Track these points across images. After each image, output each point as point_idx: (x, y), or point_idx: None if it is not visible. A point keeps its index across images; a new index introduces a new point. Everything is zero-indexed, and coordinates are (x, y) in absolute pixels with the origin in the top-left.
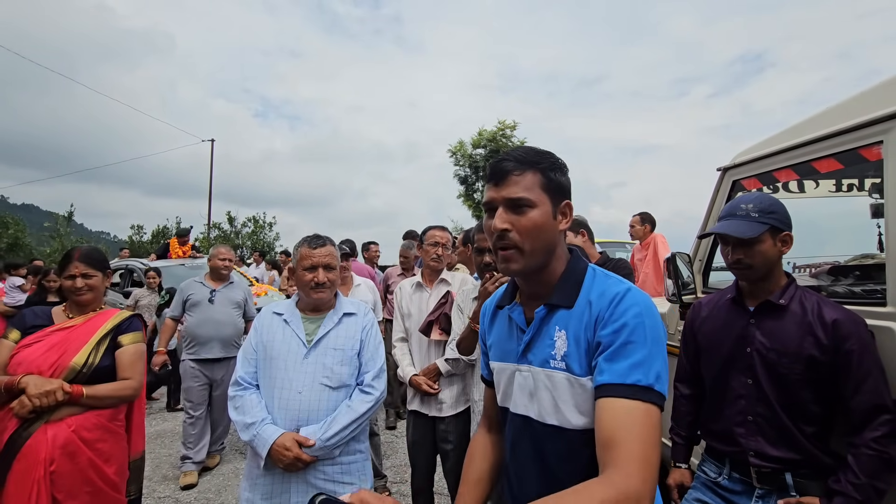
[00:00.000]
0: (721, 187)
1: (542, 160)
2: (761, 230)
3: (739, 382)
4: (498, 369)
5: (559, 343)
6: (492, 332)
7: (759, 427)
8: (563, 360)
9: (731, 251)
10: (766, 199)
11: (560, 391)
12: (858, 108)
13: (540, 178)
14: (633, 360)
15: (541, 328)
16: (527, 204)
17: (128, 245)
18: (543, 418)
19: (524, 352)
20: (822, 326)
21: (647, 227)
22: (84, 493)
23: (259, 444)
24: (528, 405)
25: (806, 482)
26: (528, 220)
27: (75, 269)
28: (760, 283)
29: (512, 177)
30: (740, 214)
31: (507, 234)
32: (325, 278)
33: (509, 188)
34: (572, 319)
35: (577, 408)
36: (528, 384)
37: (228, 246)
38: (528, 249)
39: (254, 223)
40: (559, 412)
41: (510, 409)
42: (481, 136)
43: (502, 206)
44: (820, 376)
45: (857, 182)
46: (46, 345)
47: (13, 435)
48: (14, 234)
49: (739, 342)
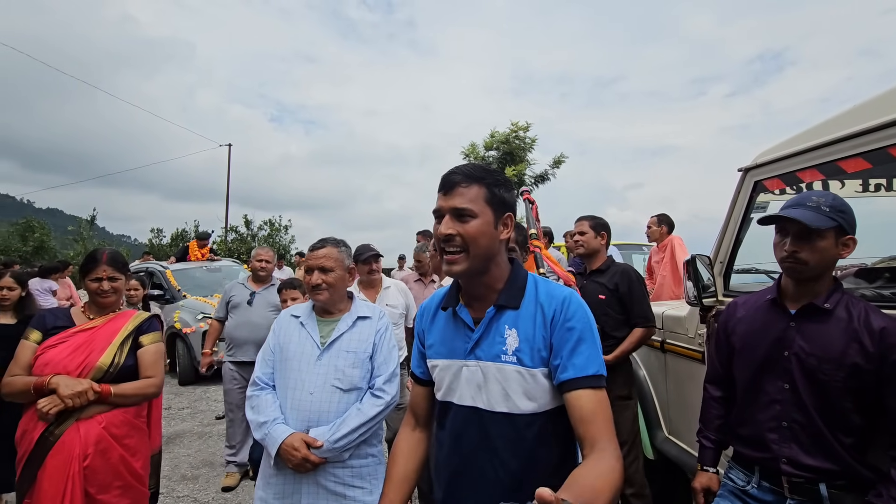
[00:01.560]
0: (742, 188)
1: (487, 176)
2: (829, 225)
3: (775, 387)
4: (442, 366)
5: (510, 340)
6: (432, 332)
7: (794, 434)
8: (515, 355)
9: (788, 242)
10: (838, 198)
11: (510, 382)
12: (886, 106)
13: (484, 192)
14: (587, 355)
15: (490, 327)
16: (469, 214)
17: (148, 248)
18: (492, 406)
19: (473, 348)
20: (868, 334)
21: (663, 228)
22: (115, 487)
23: (269, 443)
24: (475, 396)
25: (842, 494)
26: (470, 227)
27: (103, 272)
28: (808, 283)
29: (459, 188)
30: (810, 205)
31: (452, 239)
32: (320, 280)
33: (455, 199)
34: (521, 319)
35: (527, 394)
36: (477, 377)
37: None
38: (472, 253)
39: (270, 226)
40: (508, 400)
41: (454, 402)
42: (493, 137)
43: (448, 214)
44: (863, 385)
45: (885, 182)
46: (72, 346)
47: (44, 433)
48: (40, 237)
49: (777, 345)
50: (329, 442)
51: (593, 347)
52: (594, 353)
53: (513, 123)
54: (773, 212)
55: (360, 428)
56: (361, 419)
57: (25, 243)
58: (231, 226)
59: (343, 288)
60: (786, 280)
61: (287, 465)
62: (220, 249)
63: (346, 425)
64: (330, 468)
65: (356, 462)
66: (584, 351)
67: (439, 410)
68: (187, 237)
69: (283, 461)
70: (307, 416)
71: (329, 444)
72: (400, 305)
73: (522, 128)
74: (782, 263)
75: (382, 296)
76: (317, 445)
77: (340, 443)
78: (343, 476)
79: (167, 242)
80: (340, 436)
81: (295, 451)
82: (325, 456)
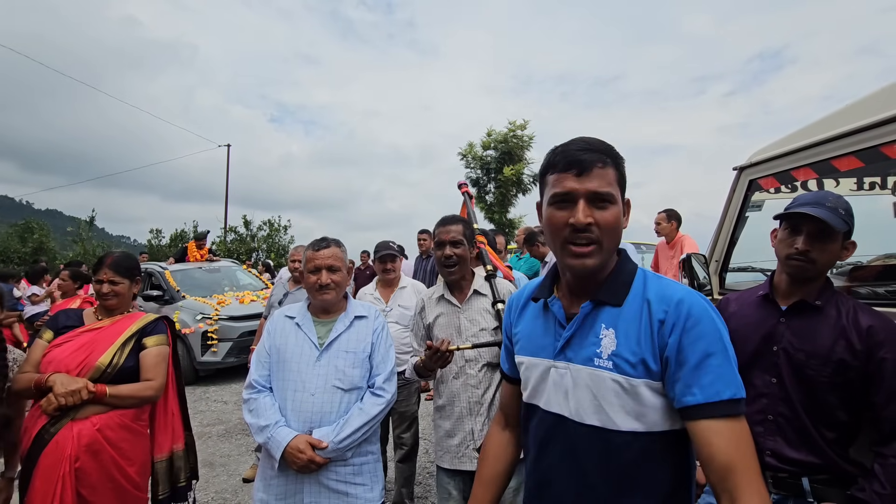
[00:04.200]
0: (737, 187)
1: (617, 154)
2: (844, 227)
3: (763, 381)
4: (528, 364)
5: (606, 341)
6: (520, 325)
7: (780, 427)
8: (611, 360)
9: (801, 240)
10: (847, 202)
11: (604, 391)
12: (880, 105)
13: (616, 174)
14: (719, 374)
15: (584, 324)
16: (609, 199)
17: (147, 249)
18: (581, 418)
19: (563, 348)
20: (856, 331)
21: (673, 224)
22: (107, 490)
23: (273, 447)
24: (562, 403)
25: (824, 489)
26: (610, 215)
27: (104, 275)
28: (805, 282)
29: (596, 169)
30: (829, 206)
31: (589, 229)
32: (329, 280)
33: (594, 180)
34: (623, 319)
35: (625, 409)
36: (566, 382)
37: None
38: (606, 246)
39: (269, 227)
40: (601, 412)
41: (540, 406)
42: (490, 136)
43: (584, 198)
44: (848, 382)
45: (879, 180)
46: (75, 345)
47: (41, 431)
48: (39, 238)
49: (767, 340)
50: (334, 443)
51: (727, 363)
52: (728, 371)
53: (510, 122)
54: (770, 210)
55: (363, 427)
56: (364, 419)
57: (24, 244)
58: (230, 226)
59: (345, 287)
60: (779, 277)
61: (292, 468)
62: (219, 250)
63: (349, 425)
64: (332, 466)
65: (357, 460)
66: (713, 368)
67: (525, 413)
68: (186, 238)
69: (288, 463)
70: (309, 417)
71: (334, 445)
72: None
73: (520, 126)
74: (788, 260)
75: (396, 295)
76: (322, 447)
77: (345, 443)
78: (345, 474)
79: (166, 243)
80: (345, 436)
81: (301, 453)
82: (330, 456)
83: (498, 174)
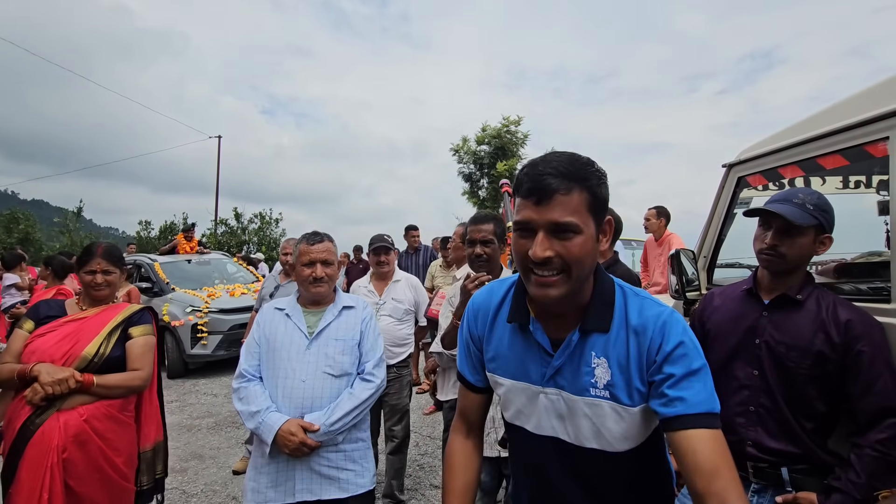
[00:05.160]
0: (726, 184)
1: (589, 175)
2: (811, 222)
3: (745, 373)
4: (511, 387)
5: (599, 371)
6: (493, 341)
7: (761, 418)
8: (607, 389)
9: (770, 235)
10: (823, 197)
11: (604, 419)
12: (864, 104)
13: (587, 198)
14: (699, 388)
15: (574, 354)
16: (572, 229)
17: (136, 240)
18: (581, 442)
19: (552, 376)
20: (835, 325)
21: (662, 221)
22: (95, 480)
23: (265, 431)
24: (556, 427)
25: (802, 478)
26: (574, 246)
27: (97, 265)
28: (783, 276)
29: (558, 196)
30: (796, 202)
31: (550, 262)
32: (323, 273)
33: (555, 210)
34: (612, 345)
35: (624, 435)
36: (559, 408)
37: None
38: (574, 275)
39: (260, 219)
40: (601, 437)
41: (528, 430)
42: (485, 132)
43: (543, 230)
44: (826, 374)
45: (864, 179)
46: (59, 335)
47: (26, 422)
48: (25, 229)
49: (749, 333)
50: (325, 426)
51: (706, 378)
52: (706, 386)
53: (504, 118)
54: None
55: (354, 411)
56: (354, 402)
57: (10, 235)
58: (221, 219)
59: (336, 281)
60: (762, 272)
61: (283, 451)
62: (209, 242)
63: (340, 409)
64: (323, 453)
65: (348, 446)
66: (694, 383)
67: (509, 430)
68: (176, 230)
69: (280, 447)
70: (300, 402)
71: (325, 428)
72: (406, 301)
73: (514, 122)
74: (760, 255)
75: (390, 289)
76: (314, 430)
77: (336, 426)
78: (336, 460)
79: (156, 235)
80: (336, 419)
81: (292, 436)
82: (321, 440)
83: (491, 169)
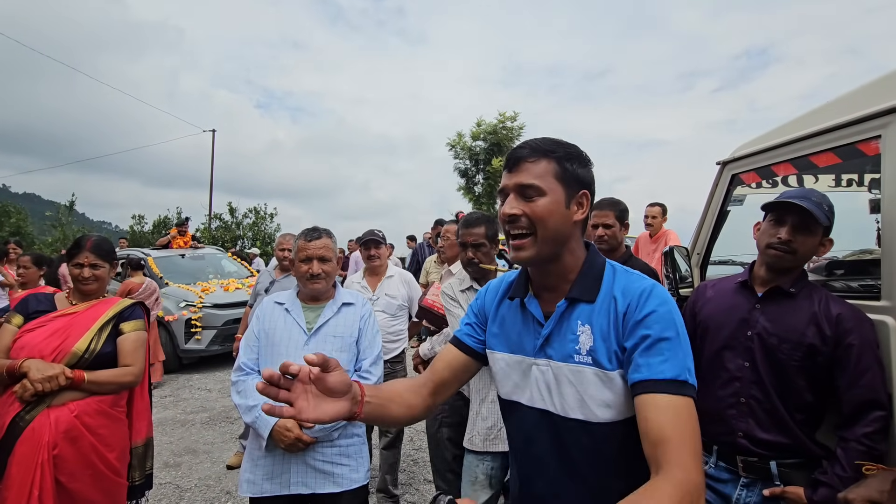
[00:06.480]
0: (720, 181)
1: (557, 149)
2: (826, 222)
3: (736, 365)
4: (507, 361)
5: (583, 338)
6: (496, 319)
7: (752, 409)
8: (590, 355)
9: (785, 230)
10: (831, 202)
11: (586, 385)
12: (857, 103)
13: (554, 167)
14: (667, 356)
15: (561, 322)
16: (536, 191)
17: (128, 235)
18: (566, 412)
19: (542, 346)
20: (827, 319)
21: (665, 219)
22: (86, 476)
23: (261, 426)
24: (545, 398)
25: (791, 472)
26: (537, 206)
27: (85, 258)
28: (784, 273)
29: (525, 163)
30: (815, 200)
31: (518, 219)
32: (320, 269)
33: (520, 175)
34: (596, 314)
35: (605, 401)
36: (548, 378)
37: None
38: (541, 237)
39: (255, 214)
40: (584, 406)
41: (523, 403)
42: (480, 127)
43: (513, 192)
44: (817, 366)
45: (856, 177)
46: (49, 330)
47: (15, 418)
48: (16, 223)
49: (742, 325)
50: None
51: (677, 348)
52: (678, 355)
53: (500, 113)
54: (750, 205)
55: None
56: None
57: (1, 229)
58: (215, 213)
59: (335, 276)
60: (758, 268)
61: (279, 446)
62: (203, 237)
63: None
64: (318, 447)
65: (343, 442)
66: (663, 350)
67: (504, 408)
68: (170, 224)
69: (276, 442)
70: None
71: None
72: (400, 297)
73: (510, 118)
74: (769, 249)
75: (383, 284)
76: (309, 426)
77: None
78: (331, 455)
79: (149, 230)
80: None
81: (288, 431)
82: (317, 435)
83: (487, 165)
